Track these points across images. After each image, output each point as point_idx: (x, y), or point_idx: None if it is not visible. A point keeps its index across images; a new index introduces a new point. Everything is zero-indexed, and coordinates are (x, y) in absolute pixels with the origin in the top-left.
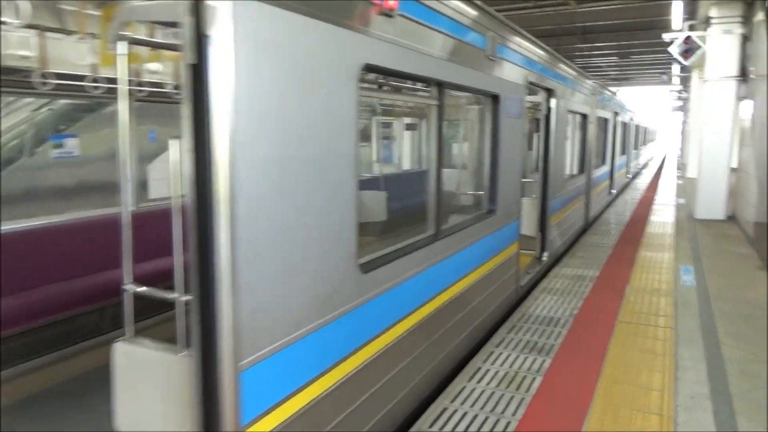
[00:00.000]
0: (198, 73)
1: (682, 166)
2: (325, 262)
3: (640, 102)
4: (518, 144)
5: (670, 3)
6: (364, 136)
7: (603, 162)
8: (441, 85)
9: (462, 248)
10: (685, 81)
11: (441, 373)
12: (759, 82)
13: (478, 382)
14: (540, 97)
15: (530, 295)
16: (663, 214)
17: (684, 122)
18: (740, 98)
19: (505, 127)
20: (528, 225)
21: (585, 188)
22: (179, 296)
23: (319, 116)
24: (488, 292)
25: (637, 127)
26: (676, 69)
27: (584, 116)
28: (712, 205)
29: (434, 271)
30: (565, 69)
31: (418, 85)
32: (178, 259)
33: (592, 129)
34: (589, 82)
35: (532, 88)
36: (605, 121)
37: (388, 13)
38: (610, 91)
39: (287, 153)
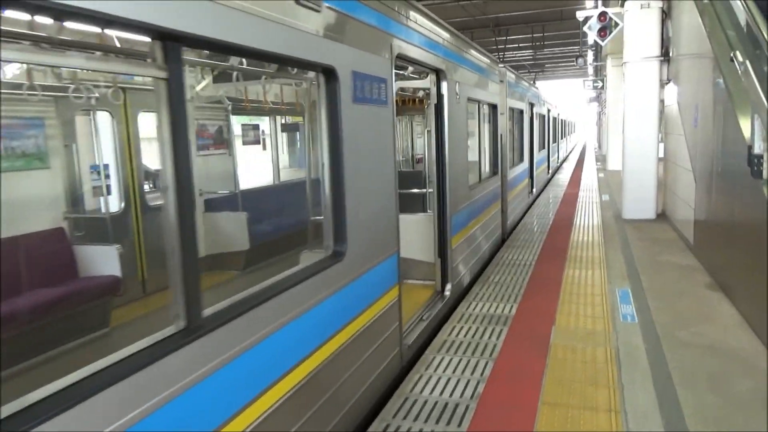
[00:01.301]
0: None
1: (601, 158)
2: None
3: (557, 94)
4: (384, 143)
5: None
6: (220, 141)
7: (520, 159)
8: (171, 40)
9: (272, 332)
10: (599, 70)
11: None
12: (682, 62)
13: None
14: (428, 81)
15: (422, 358)
16: (588, 214)
17: (600, 113)
18: (664, 82)
19: (354, 119)
20: (424, 249)
21: (500, 193)
22: None
23: None
24: (344, 378)
25: (556, 119)
26: (590, 57)
27: (493, 107)
28: (640, 203)
29: (195, 394)
30: (463, 47)
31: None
32: None
33: (504, 122)
34: (499, 67)
35: (409, 65)
36: (520, 112)
37: None
38: (525, 80)
39: None
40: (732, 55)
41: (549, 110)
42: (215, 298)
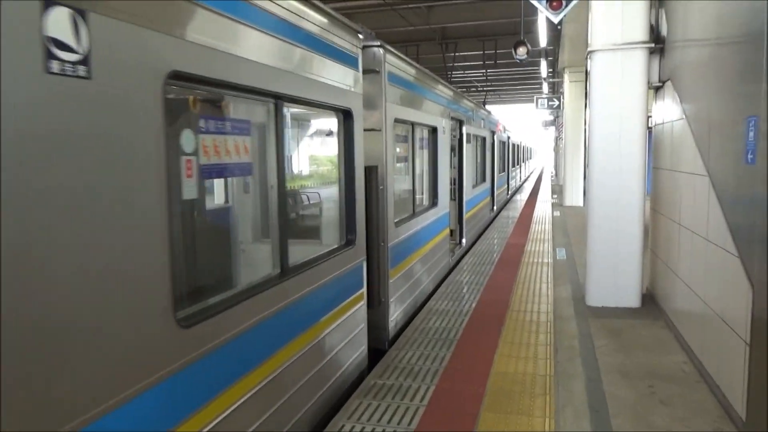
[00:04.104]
0: None
1: (558, 190)
2: None
3: (513, 119)
4: None
5: None
6: None
7: (433, 203)
8: None
9: None
10: (555, 87)
11: None
12: (695, 52)
13: None
14: None
15: None
16: (532, 291)
17: (557, 138)
18: (654, 84)
19: None
20: None
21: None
22: None
23: None
24: None
25: (504, 143)
26: (543, 71)
27: (346, 112)
28: (615, 282)
29: None
30: None
31: None
32: None
33: (386, 144)
34: (359, 39)
35: None
36: (433, 130)
37: None
38: (446, 85)
39: None
40: None
41: (494, 132)
42: None
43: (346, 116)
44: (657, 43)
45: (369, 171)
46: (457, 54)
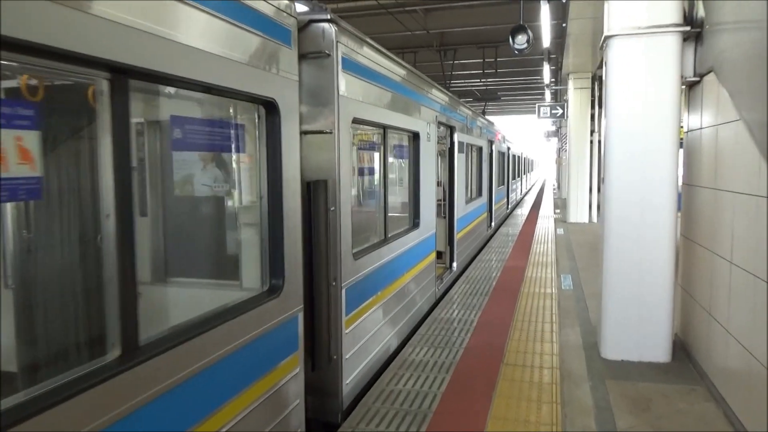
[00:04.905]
0: None
1: (560, 204)
2: None
3: (515, 130)
4: None
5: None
6: None
7: (412, 225)
8: None
9: None
10: (558, 95)
11: None
12: (746, 36)
13: None
14: None
15: None
16: (533, 335)
17: (560, 149)
18: (687, 80)
19: None
20: None
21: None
22: None
23: None
24: None
25: (504, 153)
26: (546, 75)
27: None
28: (638, 329)
29: None
30: None
31: None
32: None
33: (347, 154)
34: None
35: None
36: (415, 136)
37: None
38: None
39: None
40: None
41: (492, 142)
42: None
43: (269, 110)
44: (693, 26)
45: (315, 187)
46: (456, 62)
